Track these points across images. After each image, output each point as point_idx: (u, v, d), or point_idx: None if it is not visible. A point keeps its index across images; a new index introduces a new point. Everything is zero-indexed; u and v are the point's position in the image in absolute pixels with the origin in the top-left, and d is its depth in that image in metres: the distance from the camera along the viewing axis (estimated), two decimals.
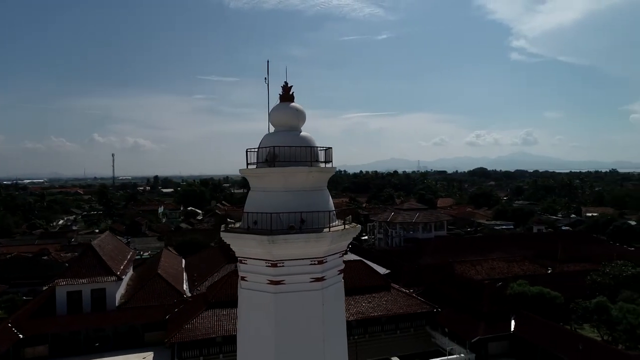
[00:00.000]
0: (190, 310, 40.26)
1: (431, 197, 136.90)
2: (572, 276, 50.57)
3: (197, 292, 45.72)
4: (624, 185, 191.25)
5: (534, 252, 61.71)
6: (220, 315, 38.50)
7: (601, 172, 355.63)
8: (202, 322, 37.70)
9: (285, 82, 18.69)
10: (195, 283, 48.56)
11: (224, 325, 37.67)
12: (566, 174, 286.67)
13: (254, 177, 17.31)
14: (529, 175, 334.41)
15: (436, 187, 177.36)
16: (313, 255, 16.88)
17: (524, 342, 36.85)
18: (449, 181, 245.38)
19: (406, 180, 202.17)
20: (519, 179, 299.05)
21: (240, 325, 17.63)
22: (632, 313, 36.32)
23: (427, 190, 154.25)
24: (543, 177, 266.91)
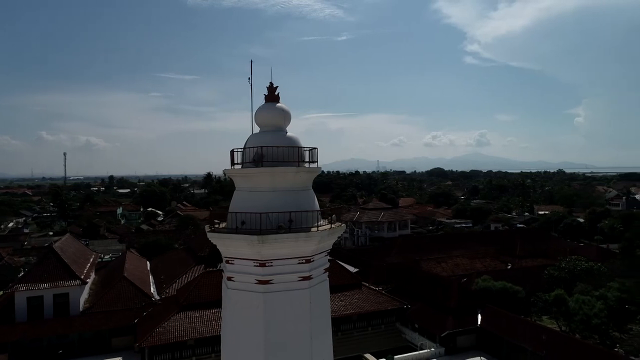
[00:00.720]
0: (161, 314, 39.36)
1: (393, 196, 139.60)
2: (530, 271, 53.26)
3: (166, 295, 44.73)
4: (571, 185, 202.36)
5: (493, 249, 64.36)
6: (193, 317, 37.87)
7: (549, 172, 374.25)
8: (174, 325, 36.95)
9: (271, 82, 18.85)
10: (163, 285, 47.46)
11: (197, 328, 37.11)
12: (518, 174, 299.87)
13: (241, 177, 17.36)
14: (483, 175, 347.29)
15: (397, 186, 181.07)
16: (301, 254, 17.16)
17: (490, 334, 38.51)
18: (409, 181, 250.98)
19: (368, 180, 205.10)
20: (474, 178, 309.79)
21: (225, 325, 17.63)
22: (587, 304, 38.72)
23: (389, 190, 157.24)
24: (497, 177, 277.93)
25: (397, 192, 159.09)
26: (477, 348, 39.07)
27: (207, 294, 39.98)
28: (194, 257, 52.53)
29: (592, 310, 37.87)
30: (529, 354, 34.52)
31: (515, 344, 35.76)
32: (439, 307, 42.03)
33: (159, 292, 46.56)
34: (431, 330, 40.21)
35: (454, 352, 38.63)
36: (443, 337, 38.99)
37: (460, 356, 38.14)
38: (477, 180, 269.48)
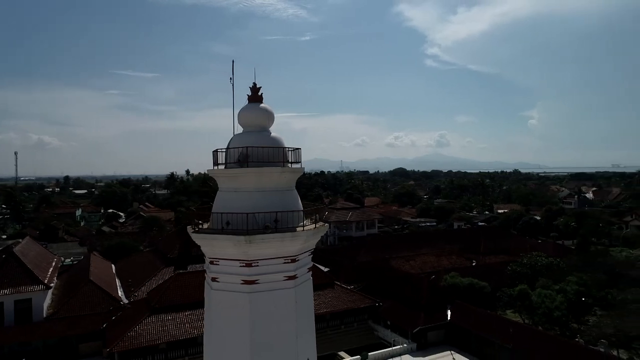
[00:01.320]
0: (131, 317, 38.40)
1: (359, 196, 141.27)
2: (494, 267, 55.41)
3: (136, 298, 43.62)
4: (526, 185, 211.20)
5: (458, 247, 66.46)
6: (165, 320, 37.19)
7: (506, 172, 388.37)
8: (145, 328, 36.16)
9: (254, 82, 18.95)
10: (131, 289, 46.21)
11: (170, 331, 36.49)
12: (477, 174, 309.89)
13: (225, 177, 17.36)
14: (444, 175, 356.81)
15: (362, 186, 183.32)
16: (287, 254, 17.36)
17: (460, 329, 39.88)
18: (374, 181, 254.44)
19: (333, 180, 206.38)
20: (435, 178, 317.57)
21: (209, 327, 17.57)
22: (549, 298, 40.76)
23: (355, 190, 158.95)
24: (457, 177, 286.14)
25: (362, 192, 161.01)
26: (447, 342, 40.35)
27: (179, 297, 39.37)
28: (163, 259, 51.46)
29: (554, 304, 39.89)
30: (497, 346, 36.03)
31: (484, 337, 37.22)
32: (410, 304, 43.08)
33: (127, 296, 45.31)
34: (403, 326, 41.18)
35: (425, 347, 39.74)
36: (415, 333, 40.03)
37: (431, 351, 39.29)
38: (438, 180, 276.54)
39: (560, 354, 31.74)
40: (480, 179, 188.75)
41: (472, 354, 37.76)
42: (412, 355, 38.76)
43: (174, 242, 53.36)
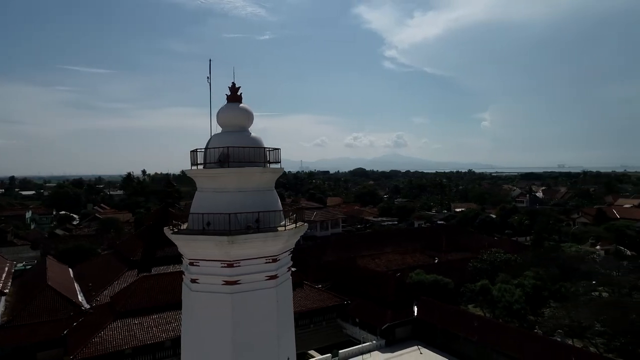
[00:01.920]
0: (94, 323, 37.01)
1: (321, 196, 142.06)
2: (456, 264, 57.37)
3: (98, 303, 42.04)
4: (481, 184, 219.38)
5: (421, 244, 68.29)
6: (131, 325, 36.11)
7: (461, 172, 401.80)
8: (111, 333, 34.97)
9: (233, 82, 18.93)
10: (92, 293, 44.46)
11: (137, 335, 35.46)
12: (433, 174, 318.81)
13: (205, 177, 17.25)
14: (402, 175, 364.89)
15: (324, 186, 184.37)
16: (268, 253, 17.49)
17: (426, 324, 41.10)
18: (335, 181, 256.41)
19: (294, 180, 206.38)
20: (394, 178, 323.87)
21: (187, 329, 17.43)
22: (509, 292, 42.75)
23: (317, 190, 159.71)
24: (415, 177, 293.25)
25: (324, 192, 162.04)
26: (414, 338, 41.48)
27: (146, 300, 38.35)
28: (125, 261, 49.81)
29: (513, 297, 41.90)
30: (462, 339, 37.44)
31: (449, 331, 38.56)
32: (377, 302, 43.93)
33: (88, 301, 43.59)
34: (371, 323, 41.94)
35: (393, 343, 40.68)
36: (383, 329, 40.87)
37: (399, 347, 40.27)
38: (397, 180, 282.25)
39: (521, 344, 33.40)
40: (438, 179, 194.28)
41: (439, 348, 39.02)
42: (381, 351, 39.59)
43: (137, 244, 51.82)
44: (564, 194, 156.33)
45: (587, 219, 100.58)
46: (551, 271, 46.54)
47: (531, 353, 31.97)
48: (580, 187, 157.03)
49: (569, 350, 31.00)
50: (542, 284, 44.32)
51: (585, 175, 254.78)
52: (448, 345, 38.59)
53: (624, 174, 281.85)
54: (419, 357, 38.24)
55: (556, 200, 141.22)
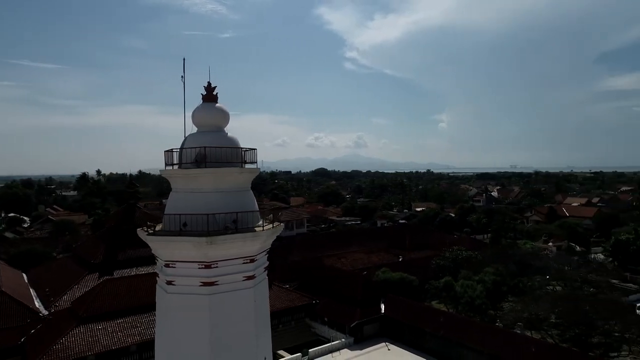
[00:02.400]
0: (55, 329, 35.53)
1: (284, 196, 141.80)
2: (419, 262, 58.93)
3: (57, 309, 40.32)
4: (439, 184, 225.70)
5: (385, 243, 69.64)
6: (95, 330, 34.91)
7: (420, 172, 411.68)
8: (73, 340, 33.69)
9: (209, 82, 18.87)
10: (51, 299, 42.59)
11: (101, 341, 34.32)
12: (394, 174, 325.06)
13: (182, 178, 17.12)
14: (363, 175, 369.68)
15: (287, 186, 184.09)
16: (246, 254, 17.58)
17: (393, 321, 42.07)
18: (298, 181, 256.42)
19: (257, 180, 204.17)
20: (355, 178, 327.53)
21: (163, 332, 17.25)
22: (471, 288, 44.39)
23: (280, 189, 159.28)
24: (376, 177, 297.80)
25: (287, 192, 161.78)
26: (382, 335, 42.36)
27: (110, 304, 37.19)
28: (85, 265, 48.00)
29: (475, 293, 43.55)
30: (428, 335, 38.62)
31: (416, 327, 39.66)
32: (345, 300, 44.52)
33: (46, 306, 41.74)
34: (340, 322, 42.49)
35: (362, 341, 41.38)
36: (352, 327, 41.50)
37: (367, 344, 41.02)
38: (359, 179, 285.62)
39: (483, 338, 34.87)
40: (399, 179, 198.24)
41: (406, 343, 40.06)
42: (350, 349, 40.20)
43: (97, 247, 50.02)
44: (518, 194, 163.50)
45: (540, 217, 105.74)
46: (509, 267, 48.69)
47: (494, 346, 33.45)
48: (532, 187, 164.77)
49: (528, 341, 32.66)
50: (501, 279, 46.29)
51: (536, 175, 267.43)
52: (415, 340, 39.68)
53: (571, 174, 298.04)
54: (387, 353, 39.12)
55: (510, 200, 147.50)
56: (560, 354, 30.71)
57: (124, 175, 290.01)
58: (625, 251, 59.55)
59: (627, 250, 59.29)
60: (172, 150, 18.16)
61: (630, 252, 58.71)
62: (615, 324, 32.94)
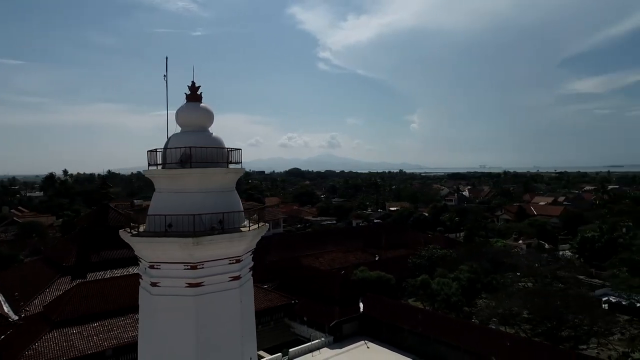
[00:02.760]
0: (27, 334, 34.41)
1: (259, 196, 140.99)
2: (396, 260, 59.81)
3: (28, 314, 39.03)
4: (412, 184, 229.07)
5: (361, 243, 70.26)
6: (69, 334, 33.98)
7: (392, 172, 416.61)
8: (47, 345, 32.70)
9: (193, 81, 18.83)
10: (20, 303, 41.17)
11: (76, 345, 33.44)
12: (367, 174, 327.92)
13: (166, 178, 17.01)
14: (337, 175, 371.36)
15: (262, 186, 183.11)
16: (232, 254, 17.63)
17: (372, 319, 42.57)
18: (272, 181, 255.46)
19: None
20: (329, 178, 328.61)
21: (146, 334, 17.14)
22: (447, 285, 45.40)
23: (254, 189, 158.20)
24: (349, 177, 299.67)
25: (262, 192, 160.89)
26: (361, 333, 42.81)
27: (84, 307, 36.25)
28: (56, 268, 46.58)
29: (451, 290, 44.57)
30: (406, 332, 39.28)
31: (394, 325, 40.27)
32: (324, 299, 44.76)
33: (16, 311, 40.32)
34: (320, 321, 42.70)
35: (341, 340, 41.72)
36: (331, 326, 41.77)
37: (347, 342, 41.39)
38: (332, 179, 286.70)
39: (460, 334, 35.76)
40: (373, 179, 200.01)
41: (384, 341, 40.63)
42: (330, 347, 40.47)
43: (69, 249, 48.62)
44: (488, 193, 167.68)
45: (509, 215, 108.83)
46: (483, 265, 49.98)
47: (470, 341, 34.35)
48: (502, 187, 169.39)
49: (503, 336, 33.71)
50: (475, 277, 47.50)
51: (505, 175, 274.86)
52: (393, 338, 40.28)
53: (538, 174, 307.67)
54: (366, 351, 39.59)
55: (481, 199, 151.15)
56: (533, 348, 31.82)
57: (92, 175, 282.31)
58: (591, 248, 62.08)
59: (593, 247, 61.82)
60: (157, 150, 17.98)
61: (596, 248, 61.25)
62: (584, 318, 34.34)
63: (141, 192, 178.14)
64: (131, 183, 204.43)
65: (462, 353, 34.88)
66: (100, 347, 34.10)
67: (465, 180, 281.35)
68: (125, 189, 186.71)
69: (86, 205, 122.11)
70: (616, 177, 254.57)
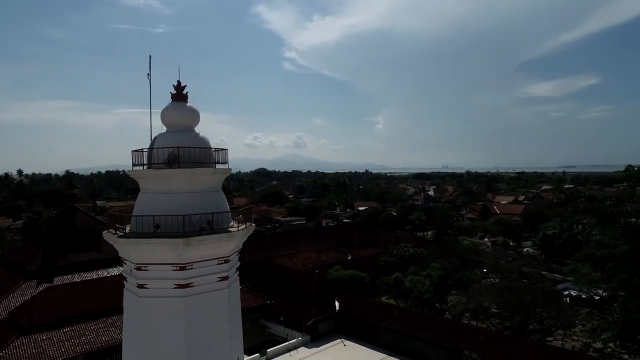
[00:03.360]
0: None
1: (228, 196, 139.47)
2: (368, 259, 60.64)
3: None
4: (379, 184, 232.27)
5: (332, 242, 70.82)
6: (39, 340, 32.71)
7: (358, 173, 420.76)
8: (15, 352, 31.39)
9: (178, 80, 18.81)
10: None
11: (47, 352, 32.24)
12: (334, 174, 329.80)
13: (154, 178, 16.91)
14: (304, 175, 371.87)
15: (229, 186, 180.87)
16: (221, 254, 17.77)
17: (348, 317, 43.09)
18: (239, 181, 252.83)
19: None
20: (296, 178, 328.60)
21: (132, 336, 17.02)
22: (420, 283, 46.55)
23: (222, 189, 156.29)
24: (317, 177, 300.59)
25: (230, 192, 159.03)
26: (337, 331, 43.25)
27: (53, 313, 34.98)
28: (20, 272, 44.63)
29: (424, 287, 45.74)
30: (382, 329, 40.01)
31: (370, 322, 40.94)
32: (300, 299, 44.94)
33: None
34: (296, 320, 42.84)
35: (318, 339, 42.02)
36: (308, 326, 42.01)
37: (323, 341, 41.72)
38: (300, 179, 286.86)
39: (436, 329, 36.81)
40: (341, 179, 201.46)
41: (360, 339, 41.23)
42: (307, 347, 40.70)
43: (33, 252, 46.67)
44: (452, 192, 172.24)
45: (474, 214, 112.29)
46: (453, 262, 51.51)
47: (446, 337, 35.42)
48: (465, 187, 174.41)
49: (477, 331, 34.92)
50: (446, 274, 48.96)
51: (468, 175, 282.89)
52: (369, 336, 40.92)
53: (498, 174, 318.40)
54: (343, 349, 40.07)
55: (446, 198, 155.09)
56: (505, 341, 33.15)
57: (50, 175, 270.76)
58: (552, 244, 65.05)
59: (554, 243, 64.80)
60: (143, 150, 17.81)
61: (556, 245, 64.23)
62: (550, 312, 36.06)
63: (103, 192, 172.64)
64: (92, 184, 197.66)
65: (437, 348, 35.91)
66: (72, 352, 33.00)
67: (429, 180, 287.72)
68: (86, 190, 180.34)
69: (46, 206, 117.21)
70: (570, 177, 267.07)
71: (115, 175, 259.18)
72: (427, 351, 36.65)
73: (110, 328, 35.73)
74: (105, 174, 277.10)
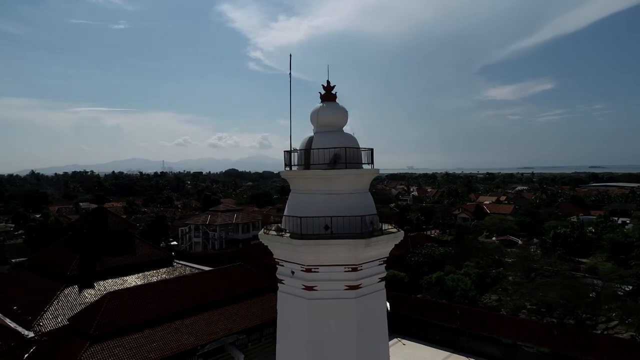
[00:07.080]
0: (58, 351, 31.01)
1: (216, 197, 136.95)
2: (396, 259, 60.96)
3: (42, 328, 35.13)
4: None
5: None
6: (111, 348, 31.04)
7: None
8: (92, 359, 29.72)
9: (328, 81, 18.96)
10: (28, 318, 36.91)
11: (124, 359, 30.71)
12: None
13: (319, 179, 16.89)
14: (276, 176, 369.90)
15: (214, 187, 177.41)
16: (382, 255, 18.15)
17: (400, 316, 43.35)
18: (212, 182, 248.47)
19: (176, 181, 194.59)
20: (269, 179, 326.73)
21: (297, 341, 17.16)
22: (462, 281, 47.48)
23: (209, 191, 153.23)
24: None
25: (215, 193, 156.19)
26: (391, 332, 43.08)
27: (121, 319, 33.34)
28: (55, 277, 42.31)
29: (467, 286, 46.69)
30: (438, 327, 40.64)
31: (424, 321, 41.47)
32: None
33: (25, 326, 36.09)
34: None
35: None
36: None
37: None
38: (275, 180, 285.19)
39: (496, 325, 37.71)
40: None
41: (416, 337, 41.66)
42: None
43: (67, 257, 44.34)
44: (435, 193, 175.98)
45: (467, 214, 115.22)
46: (488, 260, 52.86)
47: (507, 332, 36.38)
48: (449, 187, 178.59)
49: (544, 327, 35.95)
50: (483, 272, 50.21)
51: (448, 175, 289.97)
52: (424, 334, 41.35)
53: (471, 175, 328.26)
54: (403, 348, 40.34)
55: (433, 198, 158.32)
56: (573, 334, 34.28)
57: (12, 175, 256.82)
58: (563, 242, 67.83)
59: (565, 241, 67.60)
60: (295, 150, 17.93)
61: (568, 243, 67.07)
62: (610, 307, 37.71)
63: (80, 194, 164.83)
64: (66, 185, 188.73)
65: (500, 345, 36.77)
66: (147, 359, 31.60)
67: (403, 180, 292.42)
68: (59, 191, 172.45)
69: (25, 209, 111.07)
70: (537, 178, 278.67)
71: (84, 175, 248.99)
72: (486, 348, 37.48)
73: (176, 334, 34.42)
74: (72, 174, 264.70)
